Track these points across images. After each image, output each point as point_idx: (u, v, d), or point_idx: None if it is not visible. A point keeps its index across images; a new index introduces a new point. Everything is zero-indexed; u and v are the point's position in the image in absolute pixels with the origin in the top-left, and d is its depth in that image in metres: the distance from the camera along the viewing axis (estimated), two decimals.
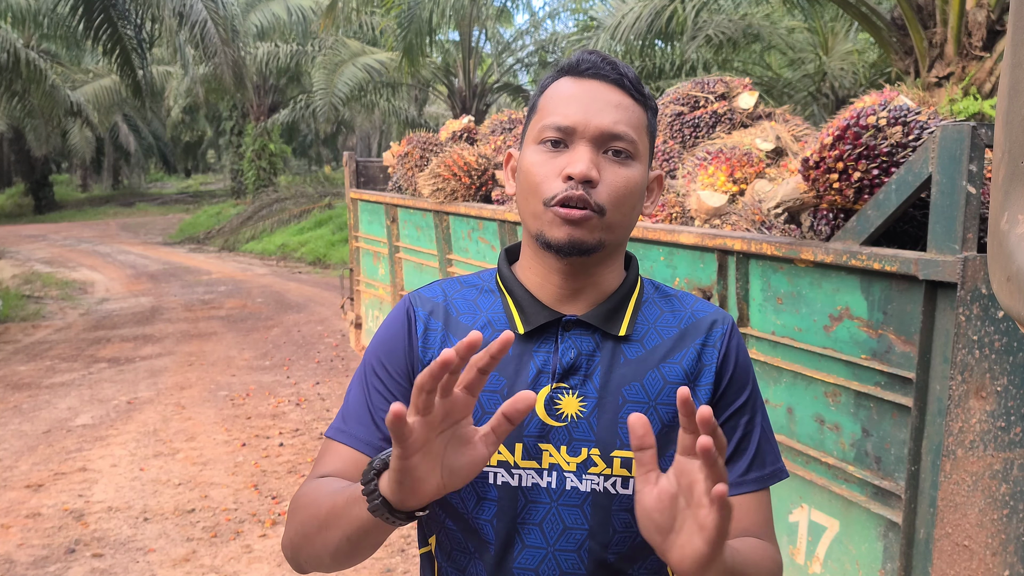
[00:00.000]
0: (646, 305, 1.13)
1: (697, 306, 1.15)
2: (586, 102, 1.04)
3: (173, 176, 41.31)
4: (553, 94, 1.08)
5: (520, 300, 1.10)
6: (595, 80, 1.06)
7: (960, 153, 1.87)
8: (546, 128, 1.05)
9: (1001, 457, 1.94)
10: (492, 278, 1.16)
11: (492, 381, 1.06)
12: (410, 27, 11.23)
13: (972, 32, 5.52)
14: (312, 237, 15.68)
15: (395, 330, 1.13)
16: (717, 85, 3.53)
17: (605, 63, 1.06)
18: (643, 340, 1.09)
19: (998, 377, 1.91)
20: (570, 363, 1.06)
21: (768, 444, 1.14)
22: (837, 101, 10.88)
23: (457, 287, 1.16)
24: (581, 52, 1.10)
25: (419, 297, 1.15)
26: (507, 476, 1.05)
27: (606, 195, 1.03)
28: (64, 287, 12.15)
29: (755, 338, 2.57)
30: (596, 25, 11.48)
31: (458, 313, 1.12)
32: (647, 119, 1.09)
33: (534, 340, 1.08)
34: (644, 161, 1.08)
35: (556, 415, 1.05)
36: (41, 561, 3.81)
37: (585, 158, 1.02)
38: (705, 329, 1.12)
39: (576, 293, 1.09)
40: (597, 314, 1.08)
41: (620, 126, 1.04)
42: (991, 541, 1.95)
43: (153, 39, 12.37)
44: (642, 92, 1.08)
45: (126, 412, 6.07)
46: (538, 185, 1.04)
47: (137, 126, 29.81)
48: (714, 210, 2.79)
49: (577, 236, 1.02)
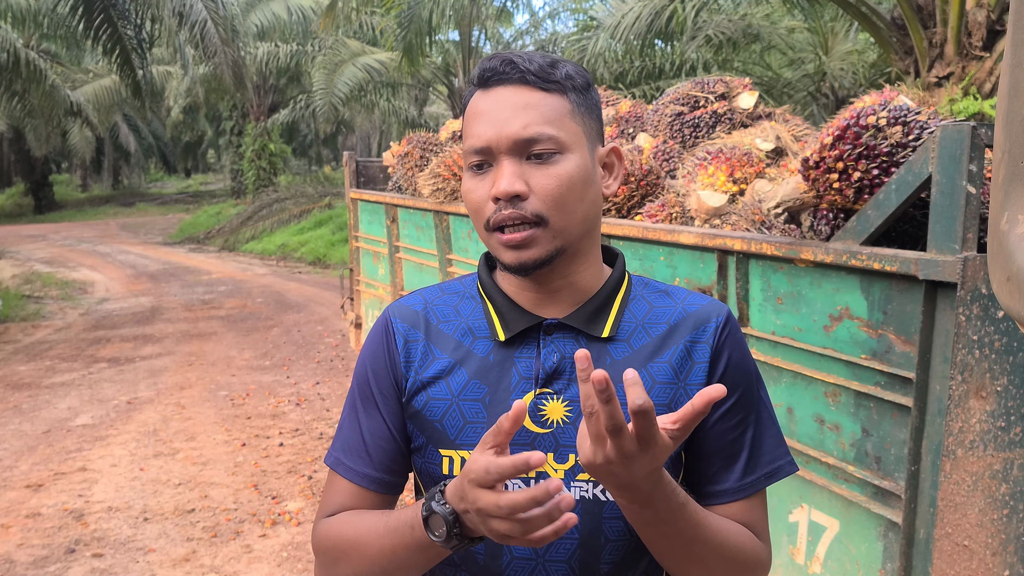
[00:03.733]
0: (633, 303, 1.09)
1: (689, 300, 1.10)
2: (494, 114, 1.00)
3: (173, 176, 41.30)
4: (469, 114, 1.05)
5: (500, 306, 1.08)
6: (501, 87, 1.02)
7: (960, 153, 1.87)
8: (468, 154, 1.03)
9: (1001, 457, 1.94)
10: (474, 284, 1.14)
11: (473, 389, 1.05)
12: (410, 27, 11.23)
13: (972, 32, 5.52)
14: (312, 237, 15.68)
15: (376, 348, 1.12)
16: (717, 85, 3.53)
17: (505, 65, 1.01)
18: (630, 340, 1.06)
19: (998, 377, 1.91)
20: (553, 368, 1.03)
21: (766, 442, 1.08)
22: (837, 101, 10.88)
23: (438, 294, 1.14)
24: (484, 60, 1.05)
25: (398, 309, 1.13)
26: None
27: (540, 203, 0.99)
28: (64, 287, 12.15)
29: (755, 338, 2.57)
30: (596, 25, 11.47)
31: (439, 321, 1.10)
32: (569, 102, 1.02)
33: (515, 346, 1.06)
34: (579, 147, 1.02)
35: (541, 421, 1.03)
36: (41, 561, 3.81)
37: (505, 174, 0.98)
38: (696, 324, 1.07)
39: (553, 296, 1.06)
40: (579, 316, 1.05)
41: (531, 128, 0.99)
42: (991, 541, 1.95)
43: (153, 39, 12.37)
44: (553, 78, 1.01)
45: (126, 412, 6.07)
46: (476, 212, 1.03)
47: (137, 126, 29.81)
48: (714, 210, 2.79)
49: (525, 257, 1.00)
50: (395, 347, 1.10)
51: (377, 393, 1.09)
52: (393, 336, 1.10)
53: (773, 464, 1.08)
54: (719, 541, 0.99)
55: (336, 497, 1.10)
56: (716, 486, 1.06)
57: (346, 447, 1.11)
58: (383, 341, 1.11)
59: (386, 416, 1.09)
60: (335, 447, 1.12)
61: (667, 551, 0.98)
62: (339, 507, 1.09)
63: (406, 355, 1.09)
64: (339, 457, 1.11)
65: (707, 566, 1.00)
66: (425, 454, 1.07)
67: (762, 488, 1.08)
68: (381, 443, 1.09)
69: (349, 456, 1.10)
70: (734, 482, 1.06)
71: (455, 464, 1.05)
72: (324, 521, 1.09)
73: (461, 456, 1.05)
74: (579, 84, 1.04)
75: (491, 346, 1.06)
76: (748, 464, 1.06)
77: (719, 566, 1.00)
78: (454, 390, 1.06)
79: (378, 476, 1.09)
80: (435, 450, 1.06)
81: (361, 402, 1.11)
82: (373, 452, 1.09)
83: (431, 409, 1.06)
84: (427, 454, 1.07)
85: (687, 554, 0.98)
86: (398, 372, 1.09)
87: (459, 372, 1.06)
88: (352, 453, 1.10)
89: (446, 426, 1.05)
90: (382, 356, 1.10)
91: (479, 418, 1.04)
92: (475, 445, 1.01)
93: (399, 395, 1.09)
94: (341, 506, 1.09)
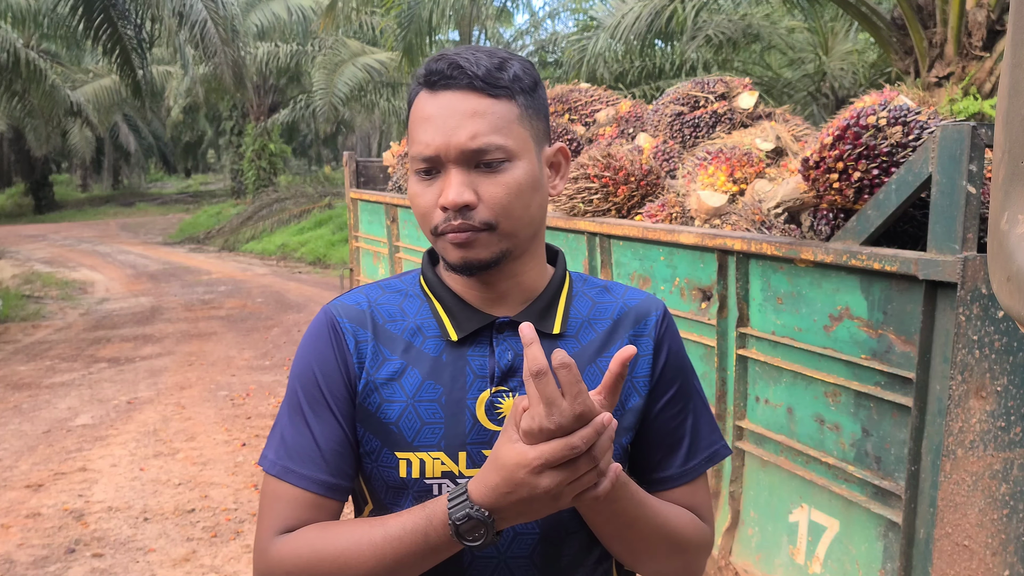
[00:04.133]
0: (576, 299, 1.11)
1: (628, 295, 1.13)
2: (442, 121, 0.99)
3: (173, 176, 41.31)
4: (415, 116, 1.03)
5: (449, 305, 1.07)
6: (448, 91, 1.00)
7: (960, 153, 1.87)
8: (415, 160, 1.01)
9: (1001, 457, 1.94)
10: (415, 282, 1.12)
11: (428, 390, 1.03)
12: (410, 27, 11.23)
13: (972, 32, 5.52)
14: (312, 237, 15.68)
15: (323, 348, 1.06)
16: (717, 85, 3.53)
17: (452, 69, 1.00)
18: (578, 335, 1.08)
19: (998, 377, 1.91)
20: (508, 365, 1.04)
21: (703, 428, 1.13)
22: (837, 101, 10.89)
23: (380, 292, 1.11)
24: (431, 60, 1.03)
25: (340, 307, 1.09)
26: (452, 486, 1.02)
27: (489, 211, 0.99)
28: (64, 287, 12.15)
29: (755, 338, 2.57)
30: (596, 25, 11.48)
31: (384, 320, 1.07)
32: (517, 107, 1.01)
33: (467, 345, 1.05)
34: (527, 153, 1.02)
35: (497, 419, 1.03)
36: (41, 561, 3.81)
37: (454, 184, 0.98)
38: (637, 318, 1.10)
39: (502, 296, 1.07)
40: (530, 314, 1.06)
41: (480, 139, 0.98)
42: (991, 541, 1.95)
43: (153, 39, 12.37)
44: (501, 83, 1.00)
45: (126, 412, 6.07)
46: (423, 216, 1.02)
47: (137, 126, 29.81)
48: (714, 210, 2.79)
49: (471, 256, 1.00)
50: (346, 347, 1.06)
51: (328, 395, 1.05)
52: (343, 336, 1.06)
53: (711, 448, 1.13)
54: (661, 522, 1.02)
55: (286, 510, 1.03)
56: (661, 473, 1.10)
57: (294, 454, 1.04)
58: (331, 341, 1.06)
59: (340, 418, 1.04)
60: (279, 456, 1.04)
61: (612, 533, 1.01)
62: (294, 520, 1.02)
63: (358, 356, 1.05)
64: (287, 466, 1.03)
65: (651, 546, 1.04)
66: (378, 458, 1.04)
67: (703, 471, 1.12)
68: (336, 447, 1.04)
69: (300, 463, 1.03)
70: (677, 468, 1.10)
71: (413, 467, 1.03)
72: (282, 540, 1.01)
73: (420, 458, 1.02)
74: (527, 85, 1.03)
75: (442, 345, 1.05)
76: (689, 450, 1.11)
77: (662, 546, 1.04)
78: (408, 392, 1.04)
79: (335, 482, 1.03)
80: (390, 453, 1.03)
81: (309, 405, 1.05)
82: (329, 456, 1.03)
83: (385, 411, 1.04)
84: (380, 458, 1.04)
85: (632, 535, 1.01)
86: (351, 373, 1.05)
87: (412, 373, 1.04)
88: (303, 459, 1.03)
89: (402, 428, 1.03)
90: (331, 357, 1.06)
91: (436, 419, 1.03)
92: (434, 446, 1.02)
93: (352, 397, 1.05)
94: (296, 519, 1.02)
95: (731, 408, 2.68)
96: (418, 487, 1.03)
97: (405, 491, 1.03)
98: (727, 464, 2.73)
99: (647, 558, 1.06)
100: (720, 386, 2.71)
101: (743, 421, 2.65)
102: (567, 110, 4.24)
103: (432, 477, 1.02)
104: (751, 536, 2.65)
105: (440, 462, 1.02)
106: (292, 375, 1.09)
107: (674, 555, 1.06)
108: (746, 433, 2.65)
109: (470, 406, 1.03)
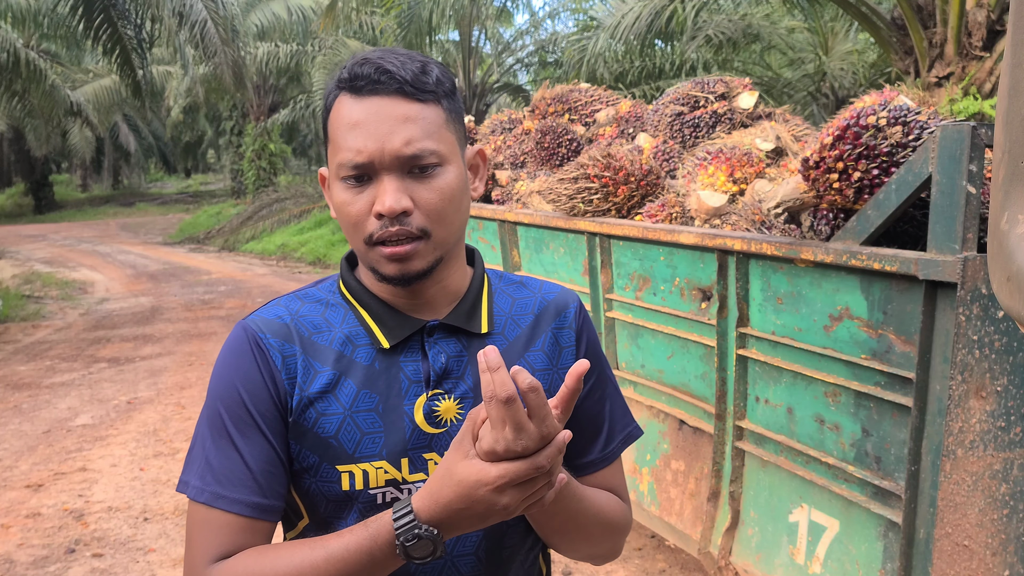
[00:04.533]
0: (497, 296, 1.13)
1: (545, 289, 1.16)
2: (373, 127, 0.97)
3: (173, 176, 41.31)
4: (339, 121, 1.00)
5: (377, 312, 1.05)
6: (375, 96, 0.98)
7: (960, 153, 1.87)
8: (343, 167, 0.98)
9: (1001, 457, 1.94)
10: (334, 290, 1.10)
11: (364, 399, 1.02)
12: (410, 27, 11.24)
13: (972, 32, 5.52)
14: (312, 237, 15.68)
15: (247, 367, 1.02)
16: (717, 85, 3.53)
17: (380, 73, 0.98)
18: (504, 332, 1.10)
19: (998, 377, 1.91)
20: (442, 368, 1.04)
21: (617, 412, 1.17)
22: (837, 101, 10.89)
23: (298, 303, 1.08)
24: (354, 63, 1.00)
25: (261, 322, 1.05)
26: (396, 493, 1.02)
27: (425, 218, 0.98)
28: (64, 287, 12.15)
29: (755, 338, 2.56)
30: (596, 25, 11.48)
31: (310, 332, 1.05)
32: (444, 111, 1.01)
33: (399, 351, 1.04)
34: (455, 156, 1.02)
35: (436, 422, 1.03)
36: (41, 561, 3.81)
37: (391, 191, 0.96)
38: (557, 311, 1.13)
39: (428, 300, 1.07)
40: (458, 315, 1.07)
41: (415, 145, 0.97)
42: (991, 541, 1.95)
43: (153, 39, 12.37)
44: (428, 87, 0.99)
45: (126, 412, 6.07)
46: (354, 226, 1.00)
47: (137, 126, 29.82)
48: (714, 210, 2.79)
49: (408, 268, 0.99)
50: (273, 364, 1.02)
51: (257, 415, 1.01)
52: (267, 353, 1.02)
53: (626, 430, 1.18)
54: (596, 510, 1.07)
55: (219, 537, 0.99)
56: (584, 458, 1.14)
57: (223, 478, 1.00)
58: (255, 359, 1.02)
59: (271, 438, 1.01)
60: (205, 481, 1.00)
61: (555, 526, 1.05)
62: (228, 547, 0.99)
63: (287, 371, 1.02)
64: (216, 491, 0.99)
65: (589, 534, 1.08)
66: (318, 473, 1.02)
67: (620, 453, 1.17)
68: (268, 467, 1.01)
69: (229, 487, 0.99)
70: (598, 452, 1.14)
71: (356, 479, 1.01)
72: (218, 568, 0.98)
73: (363, 470, 1.01)
74: (448, 89, 1.03)
75: (373, 353, 1.04)
76: (609, 434, 1.15)
77: (597, 531, 1.09)
78: (345, 403, 1.02)
79: (269, 503, 1.00)
80: (331, 467, 1.02)
81: (235, 426, 1.01)
82: (261, 478, 1.00)
83: (323, 426, 1.01)
84: (320, 473, 1.02)
85: (573, 526, 1.05)
86: (280, 390, 1.02)
87: (346, 384, 1.03)
88: (233, 483, 0.99)
89: (342, 441, 1.01)
90: (256, 375, 1.02)
91: (375, 428, 1.02)
92: (375, 456, 1.01)
93: (282, 415, 1.02)
94: (231, 545, 0.99)
95: (731, 408, 2.68)
96: (363, 498, 1.02)
97: (349, 503, 1.02)
98: (727, 464, 2.73)
99: (583, 544, 1.10)
100: (720, 386, 2.71)
101: (743, 421, 2.65)
102: (567, 110, 4.24)
103: (376, 487, 1.02)
104: (751, 536, 2.65)
105: (383, 471, 1.02)
106: (212, 396, 1.04)
107: (606, 538, 1.11)
108: (746, 433, 2.65)
109: (408, 412, 1.03)
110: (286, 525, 1.12)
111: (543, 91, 4.45)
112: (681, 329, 2.92)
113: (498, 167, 4.34)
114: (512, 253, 3.94)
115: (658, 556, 3.47)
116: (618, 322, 3.30)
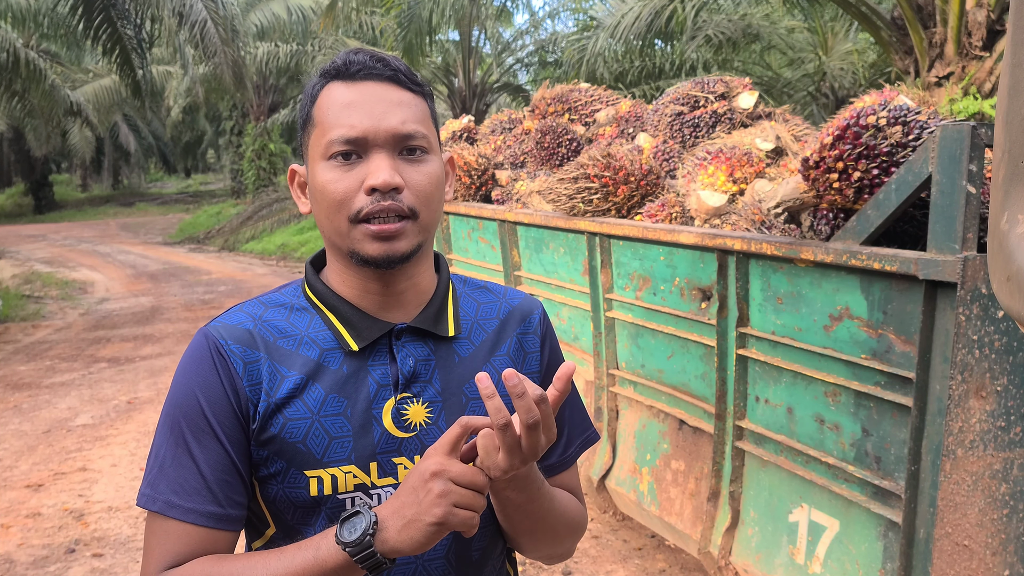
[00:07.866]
0: (462, 300, 1.13)
1: (509, 294, 1.18)
2: (368, 106, 0.99)
3: (173, 176, 41.31)
4: (329, 103, 1.01)
5: (345, 315, 1.04)
6: (369, 81, 1.01)
7: (960, 153, 1.87)
8: (334, 143, 0.99)
9: (1001, 457, 1.94)
10: (297, 294, 1.09)
11: (332, 403, 1.01)
12: (410, 27, 11.23)
13: (972, 32, 5.52)
14: (312, 237, 15.67)
15: (207, 374, 1.01)
16: (717, 85, 3.53)
17: (375, 60, 1.01)
18: (470, 336, 1.10)
19: (998, 377, 1.91)
20: (411, 371, 1.03)
21: (576, 416, 1.19)
22: (837, 101, 10.89)
23: (261, 308, 1.07)
24: (346, 53, 1.04)
25: (223, 328, 1.04)
26: (366, 498, 1.02)
27: (414, 197, 1.00)
28: (64, 287, 12.15)
29: (755, 338, 2.56)
30: (596, 25, 11.48)
31: (275, 337, 1.03)
32: (429, 108, 1.06)
33: (366, 355, 1.04)
34: (437, 151, 1.05)
35: (404, 426, 1.03)
36: (41, 561, 3.81)
37: (385, 166, 0.98)
38: (522, 317, 1.15)
39: (398, 298, 1.06)
40: (426, 318, 1.06)
41: (409, 125, 1.00)
42: (991, 541, 1.96)
43: (153, 39, 12.37)
44: (418, 82, 1.04)
45: (126, 412, 6.07)
46: (339, 203, 0.99)
47: (137, 126, 29.81)
48: (714, 210, 2.79)
49: (394, 249, 0.99)
50: (234, 372, 1.01)
51: (215, 423, 1.00)
52: (228, 360, 1.01)
53: (584, 434, 1.20)
54: (562, 510, 1.11)
55: (172, 546, 0.98)
56: (546, 461, 1.16)
57: (177, 487, 0.99)
58: (215, 366, 1.01)
59: (228, 446, 1.00)
60: (158, 491, 0.99)
61: (527, 527, 1.08)
62: (180, 556, 0.98)
63: (250, 379, 1.01)
64: (170, 500, 0.98)
65: (556, 533, 1.11)
66: (285, 479, 1.01)
67: (578, 457, 1.20)
68: (225, 476, 1.00)
69: (184, 496, 0.98)
70: (558, 456, 1.17)
71: (324, 484, 1.01)
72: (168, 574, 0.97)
73: (331, 474, 1.01)
74: (430, 92, 1.08)
75: (341, 357, 1.03)
76: (568, 438, 1.18)
77: (563, 531, 1.12)
78: (312, 408, 1.01)
79: (224, 512, 1.00)
80: (298, 472, 1.01)
81: (192, 435, 1.00)
82: (216, 487, 0.99)
83: (291, 431, 1.00)
84: (288, 479, 1.01)
85: (543, 526, 1.08)
86: (242, 398, 1.00)
87: (314, 388, 1.02)
88: (188, 492, 0.98)
89: (310, 446, 1.00)
90: (216, 383, 1.00)
91: (344, 432, 1.01)
92: (344, 461, 1.01)
93: (243, 423, 1.01)
94: (182, 555, 0.98)
95: (731, 408, 2.68)
96: (331, 503, 1.01)
97: (317, 509, 1.02)
98: (727, 464, 2.73)
99: (549, 544, 1.13)
100: (720, 386, 2.71)
101: (743, 421, 2.65)
102: (567, 110, 4.24)
103: (345, 491, 1.01)
104: (751, 536, 2.65)
105: (352, 475, 1.01)
106: (170, 404, 1.02)
107: (568, 537, 1.15)
108: (746, 433, 2.65)
109: (376, 416, 1.02)
110: (253, 534, 1.11)
111: (543, 91, 4.45)
112: (681, 329, 2.92)
113: (498, 167, 4.34)
114: (512, 253, 3.94)
115: (658, 556, 3.47)
116: (618, 322, 3.30)
